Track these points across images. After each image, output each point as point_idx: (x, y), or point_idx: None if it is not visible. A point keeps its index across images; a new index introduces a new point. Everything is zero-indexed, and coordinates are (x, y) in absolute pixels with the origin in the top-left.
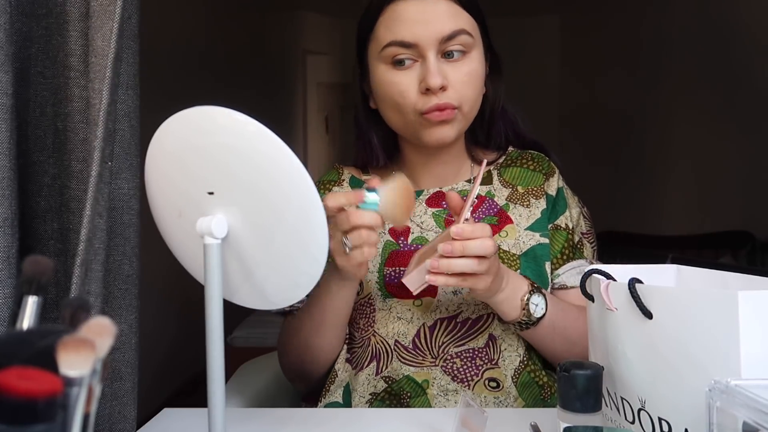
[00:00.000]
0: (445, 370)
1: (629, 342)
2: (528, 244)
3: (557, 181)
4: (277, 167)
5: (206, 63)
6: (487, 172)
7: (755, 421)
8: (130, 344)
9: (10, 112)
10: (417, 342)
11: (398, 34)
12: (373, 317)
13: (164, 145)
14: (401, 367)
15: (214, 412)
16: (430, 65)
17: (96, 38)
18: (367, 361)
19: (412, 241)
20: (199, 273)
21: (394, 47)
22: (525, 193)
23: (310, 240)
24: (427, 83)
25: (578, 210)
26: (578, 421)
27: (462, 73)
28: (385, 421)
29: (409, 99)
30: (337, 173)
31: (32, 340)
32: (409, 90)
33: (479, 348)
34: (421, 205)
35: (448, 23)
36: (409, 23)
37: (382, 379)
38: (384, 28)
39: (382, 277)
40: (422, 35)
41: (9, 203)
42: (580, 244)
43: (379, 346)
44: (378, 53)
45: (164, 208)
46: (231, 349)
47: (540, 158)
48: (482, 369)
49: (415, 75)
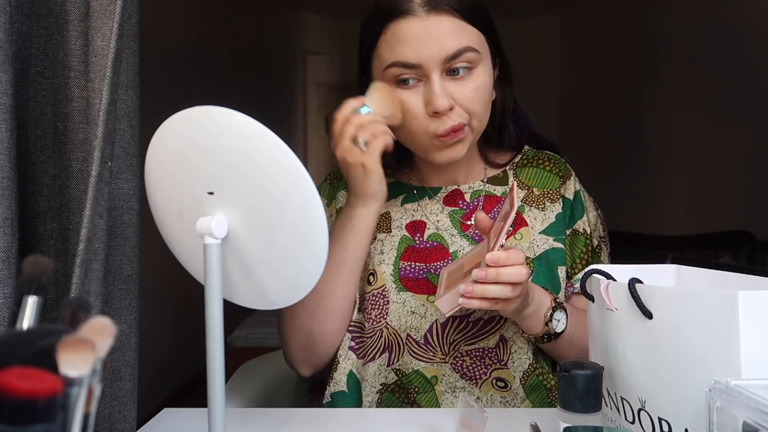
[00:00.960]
0: (455, 367)
1: (629, 342)
2: (542, 248)
3: (574, 184)
4: (278, 167)
5: (206, 63)
6: (503, 171)
7: (755, 421)
8: (130, 344)
9: (10, 112)
10: (429, 337)
11: (401, 54)
12: (387, 309)
13: (164, 145)
14: (411, 361)
15: (214, 412)
16: (435, 88)
17: (96, 38)
18: (379, 351)
19: (428, 237)
20: (199, 273)
21: (397, 68)
22: (541, 195)
23: (311, 239)
24: (434, 106)
25: (595, 213)
26: (578, 421)
27: (468, 90)
28: (385, 422)
29: (418, 120)
30: None
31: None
32: (416, 111)
33: (489, 348)
34: (438, 204)
35: (452, 42)
36: (412, 43)
37: (393, 371)
38: (386, 47)
39: (398, 270)
40: (425, 56)
41: (9, 203)
42: (599, 248)
43: (392, 338)
44: (381, 72)
45: (164, 208)
46: (231, 349)
47: (556, 160)
48: (491, 368)
49: (420, 95)
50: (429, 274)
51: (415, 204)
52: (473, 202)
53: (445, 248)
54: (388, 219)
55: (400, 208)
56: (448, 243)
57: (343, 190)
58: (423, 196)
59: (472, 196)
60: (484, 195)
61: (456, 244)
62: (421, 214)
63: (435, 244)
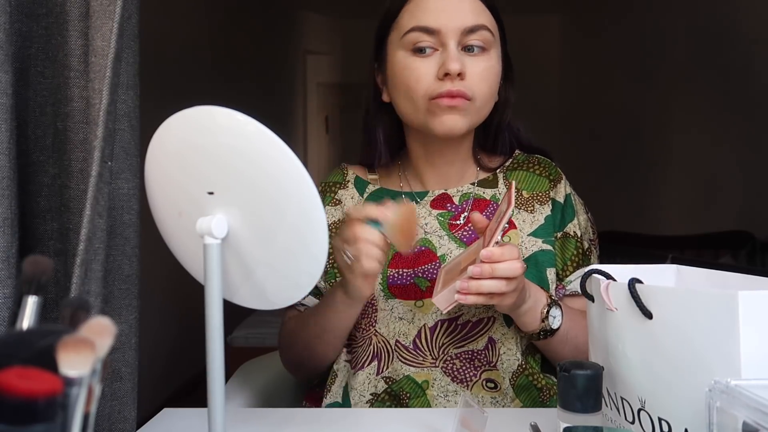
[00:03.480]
0: (445, 371)
1: (629, 342)
2: (530, 250)
3: (565, 188)
4: (278, 167)
5: (206, 63)
6: (493, 174)
7: (755, 421)
8: (130, 344)
9: (10, 112)
10: (418, 342)
11: (422, 20)
12: (375, 317)
13: (164, 144)
14: (402, 367)
15: (214, 412)
16: (451, 52)
17: (96, 38)
18: (368, 360)
19: (416, 243)
20: (199, 273)
21: (417, 33)
22: (530, 198)
23: (311, 239)
24: (447, 67)
25: (585, 217)
26: (578, 421)
27: (480, 67)
28: (385, 421)
29: (423, 84)
30: (342, 174)
31: (32, 340)
32: (425, 76)
33: (479, 350)
34: (426, 207)
35: (471, 16)
36: (435, 12)
37: (382, 380)
38: (408, 15)
39: (386, 278)
40: (445, 23)
41: (9, 203)
42: (589, 251)
43: (381, 346)
44: (399, 39)
45: (164, 208)
46: (231, 349)
47: (547, 163)
48: (480, 370)
49: (434, 63)
50: (417, 278)
51: None
52: (462, 205)
53: (433, 252)
54: None
55: None
56: (436, 246)
57: (328, 205)
58: (410, 201)
59: (461, 199)
60: (473, 198)
61: (444, 247)
62: None
63: (422, 248)
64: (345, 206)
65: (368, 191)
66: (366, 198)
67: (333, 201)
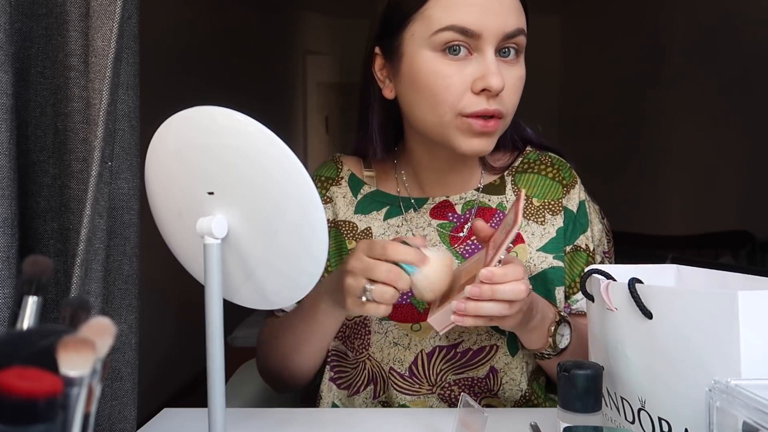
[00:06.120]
0: (442, 397)
1: (629, 342)
2: (539, 266)
3: (579, 194)
4: (278, 167)
5: (206, 63)
6: (500, 178)
7: (755, 421)
8: (130, 344)
9: (10, 112)
10: (414, 369)
11: (461, 18)
12: (368, 339)
13: (164, 145)
14: (397, 395)
15: (214, 412)
16: (491, 63)
17: (96, 38)
18: (364, 384)
19: None
20: (199, 273)
21: (453, 33)
22: (540, 207)
23: (311, 239)
24: (488, 83)
25: (600, 227)
26: (578, 421)
27: (514, 77)
28: (385, 421)
29: (454, 94)
30: (335, 168)
31: (32, 340)
32: (458, 85)
33: (479, 378)
34: (425, 216)
35: (513, 18)
36: (476, 10)
37: (380, 404)
38: (441, 9)
39: None
40: (489, 26)
41: (9, 203)
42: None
43: (375, 370)
44: (427, 37)
45: (164, 208)
46: (231, 349)
47: (560, 165)
48: (480, 397)
49: (468, 71)
50: (413, 298)
51: (399, 218)
52: (465, 215)
53: None
54: (369, 236)
55: (382, 223)
56: None
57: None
58: (408, 209)
59: (464, 208)
60: (478, 206)
61: None
62: (406, 229)
63: None
64: (337, 206)
65: (363, 193)
66: (360, 200)
67: (324, 199)
